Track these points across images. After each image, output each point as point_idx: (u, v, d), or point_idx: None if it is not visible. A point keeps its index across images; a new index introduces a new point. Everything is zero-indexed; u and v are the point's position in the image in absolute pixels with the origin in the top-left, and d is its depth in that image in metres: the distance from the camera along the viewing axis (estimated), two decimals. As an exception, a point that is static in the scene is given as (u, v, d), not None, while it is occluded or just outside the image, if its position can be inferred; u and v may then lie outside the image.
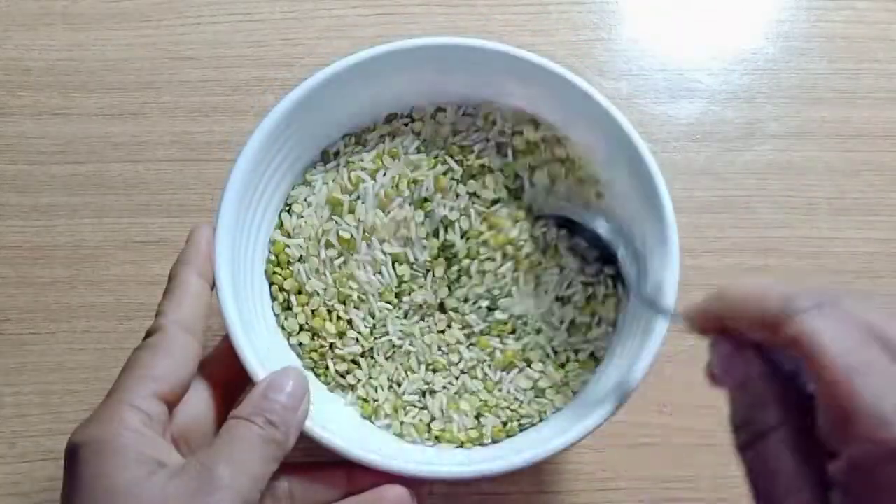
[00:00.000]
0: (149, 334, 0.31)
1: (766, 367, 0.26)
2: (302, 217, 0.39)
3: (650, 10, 0.52)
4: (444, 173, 0.39)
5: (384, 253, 0.39)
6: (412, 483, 0.31)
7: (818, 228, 0.47)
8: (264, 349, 0.35)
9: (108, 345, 0.44)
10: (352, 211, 0.39)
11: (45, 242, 0.46)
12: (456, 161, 0.40)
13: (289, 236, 0.39)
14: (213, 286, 0.33)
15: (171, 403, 0.30)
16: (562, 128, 0.40)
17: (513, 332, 0.39)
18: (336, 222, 0.39)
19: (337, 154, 0.41)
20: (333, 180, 0.40)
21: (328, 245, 0.39)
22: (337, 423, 0.37)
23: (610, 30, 0.52)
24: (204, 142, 0.48)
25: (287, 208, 0.40)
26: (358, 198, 0.39)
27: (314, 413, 0.32)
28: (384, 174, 0.39)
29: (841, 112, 0.50)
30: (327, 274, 0.38)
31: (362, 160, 0.40)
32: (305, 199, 0.40)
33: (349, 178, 0.39)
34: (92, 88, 0.49)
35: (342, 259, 0.38)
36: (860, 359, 0.22)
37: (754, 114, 0.50)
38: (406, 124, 0.41)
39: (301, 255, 0.39)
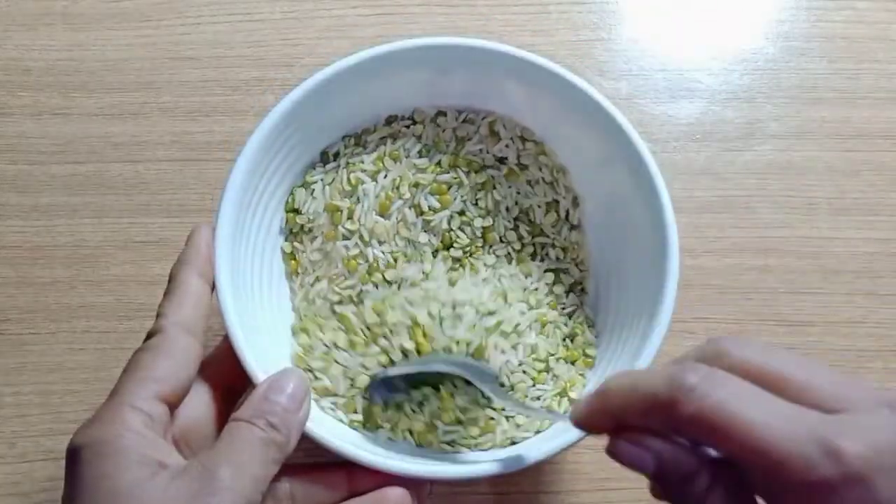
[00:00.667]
0: (149, 336, 0.31)
1: (675, 444, 0.25)
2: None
3: (650, 10, 0.52)
4: (449, 186, 0.39)
5: (384, 253, 0.39)
6: (412, 484, 0.31)
7: (818, 228, 0.47)
8: (264, 351, 0.35)
9: (108, 345, 0.44)
10: (350, 216, 0.39)
11: (45, 242, 0.46)
12: (464, 172, 0.40)
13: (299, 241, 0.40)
14: (214, 287, 0.33)
15: (173, 405, 0.30)
16: (552, 137, 0.40)
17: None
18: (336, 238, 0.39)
19: (337, 155, 0.41)
20: (332, 183, 0.40)
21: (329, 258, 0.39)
22: (337, 424, 0.37)
23: (610, 30, 0.52)
24: (204, 142, 0.48)
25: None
26: (357, 200, 0.39)
27: (314, 414, 0.32)
28: (385, 176, 0.39)
29: (841, 112, 0.50)
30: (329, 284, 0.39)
31: (362, 161, 0.40)
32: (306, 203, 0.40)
33: (348, 179, 0.39)
34: (92, 88, 0.49)
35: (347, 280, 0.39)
36: (766, 414, 0.22)
37: (754, 114, 0.50)
38: (407, 126, 0.41)
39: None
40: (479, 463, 0.32)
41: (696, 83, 0.50)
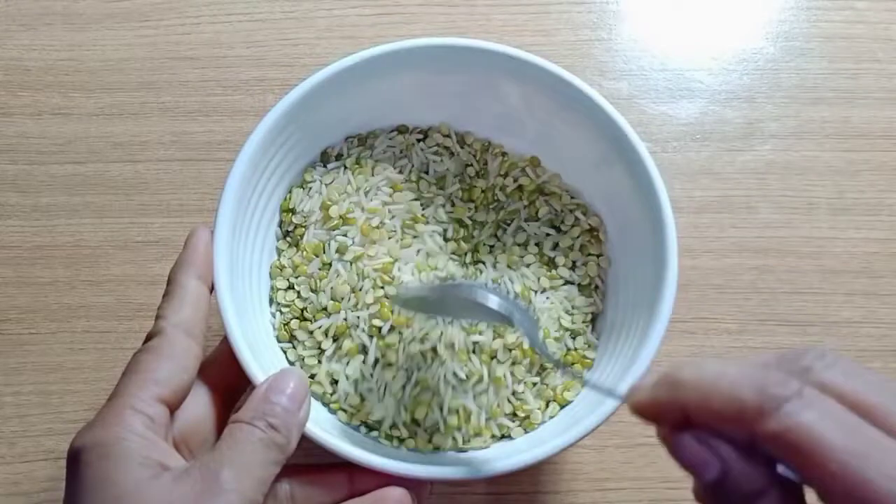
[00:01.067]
0: (149, 337, 0.31)
1: (744, 457, 0.23)
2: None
3: (650, 10, 0.52)
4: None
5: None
6: (412, 484, 0.31)
7: (818, 228, 0.47)
8: (263, 351, 0.35)
9: (108, 345, 0.44)
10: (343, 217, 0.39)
11: (45, 242, 0.46)
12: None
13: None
14: (213, 289, 0.33)
15: (173, 407, 0.30)
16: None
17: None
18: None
19: (340, 156, 0.41)
20: (331, 183, 0.40)
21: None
22: (333, 423, 0.37)
23: (610, 30, 0.52)
24: (204, 142, 0.48)
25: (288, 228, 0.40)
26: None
27: (314, 415, 0.32)
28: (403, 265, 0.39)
29: (841, 112, 0.50)
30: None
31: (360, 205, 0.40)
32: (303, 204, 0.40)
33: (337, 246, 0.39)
34: (92, 88, 0.49)
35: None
36: (859, 445, 0.21)
37: (754, 114, 0.50)
38: (418, 141, 0.42)
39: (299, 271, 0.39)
40: (479, 463, 0.32)
41: (696, 83, 0.50)
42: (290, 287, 0.39)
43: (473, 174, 0.42)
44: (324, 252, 0.39)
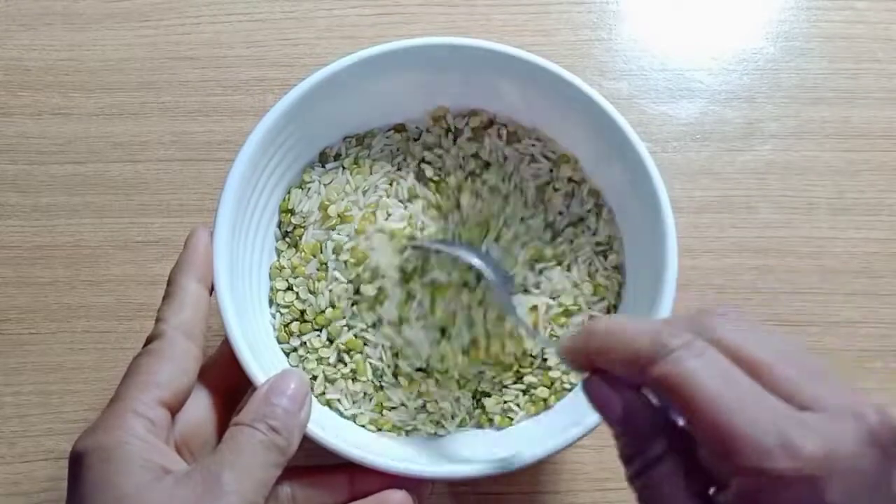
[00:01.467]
0: (149, 340, 0.31)
1: (644, 400, 0.26)
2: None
3: (650, 10, 0.52)
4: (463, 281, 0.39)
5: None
6: (413, 484, 0.31)
7: (818, 228, 0.47)
8: (263, 352, 0.35)
9: (108, 345, 0.44)
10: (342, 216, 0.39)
11: (45, 242, 0.46)
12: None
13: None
14: (212, 291, 0.33)
15: (174, 409, 0.30)
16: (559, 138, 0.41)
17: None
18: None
19: (338, 156, 0.41)
20: (329, 183, 0.40)
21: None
22: (337, 424, 0.37)
23: (610, 30, 0.52)
24: (204, 142, 0.48)
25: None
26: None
27: (316, 416, 0.32)
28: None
29: (841, 112, 0.50)
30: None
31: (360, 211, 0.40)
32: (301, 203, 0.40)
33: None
34: (92, 88, 0.49)
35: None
36: (733, 394, 0.23)
37: (754, 114, 0.50)
38: (416, 138, 0.42)
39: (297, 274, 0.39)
40: (479, 463, 0.32)
41: (696, 83, 0.50)
42: (290, 288, 0.39)
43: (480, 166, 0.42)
44: (321, 252, 0.39)
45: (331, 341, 0.38)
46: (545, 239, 0.40)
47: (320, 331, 0.38)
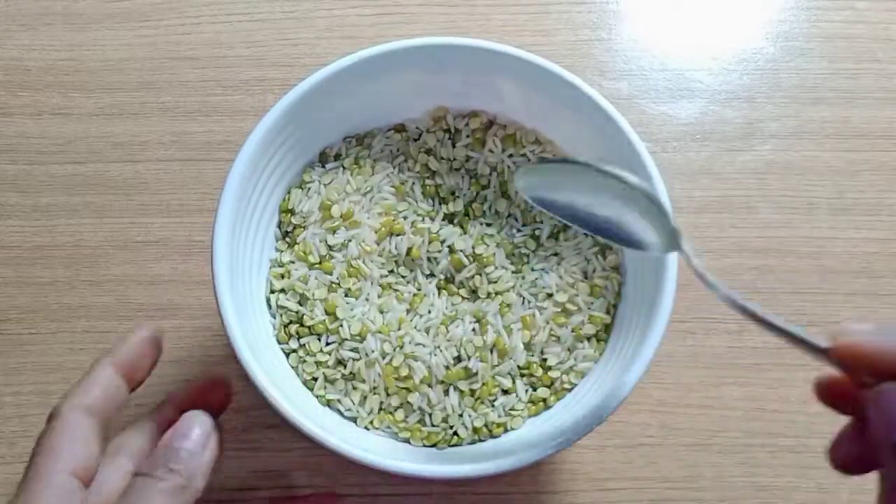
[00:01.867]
0: (49, 419, 0.30)
1: None
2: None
3: (650, 10, 0.52)
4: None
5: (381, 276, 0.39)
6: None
7: (818, 228, 0.47)
8: (263, 351, 0.35)
9: (107, 345, 0.44)
10: (344, 248, 0.39)
11: (45, 242, 0.46)
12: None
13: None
14: (135, 386, 0.32)
15: (84, 479, 0.29)
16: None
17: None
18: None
19: (338, 156, 0.41)
20: (329, 183, 0.40)
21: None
22: (337, 424, 0.37)
23: (610, 30, 0.52)
24: (204, 142, 0.48)
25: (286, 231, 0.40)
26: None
27: (316, 415, 0.32)
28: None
29: (841, 112, 0.50)
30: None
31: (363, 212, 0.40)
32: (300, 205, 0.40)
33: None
34: (92, 88, 0.49)
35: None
36: None
37: (754, 114, 0.50)
38: (416, 139, 0.42)
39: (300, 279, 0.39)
40: (479, 463, 0.32)
41: (696, 83, 0.50)
42: (285, 290, 0.39)
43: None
44: (311, 255, 0.39)
45: (329, 345, 0.38)
46: (543, 239, 0.40)
47: (319, 336, 0.38)
